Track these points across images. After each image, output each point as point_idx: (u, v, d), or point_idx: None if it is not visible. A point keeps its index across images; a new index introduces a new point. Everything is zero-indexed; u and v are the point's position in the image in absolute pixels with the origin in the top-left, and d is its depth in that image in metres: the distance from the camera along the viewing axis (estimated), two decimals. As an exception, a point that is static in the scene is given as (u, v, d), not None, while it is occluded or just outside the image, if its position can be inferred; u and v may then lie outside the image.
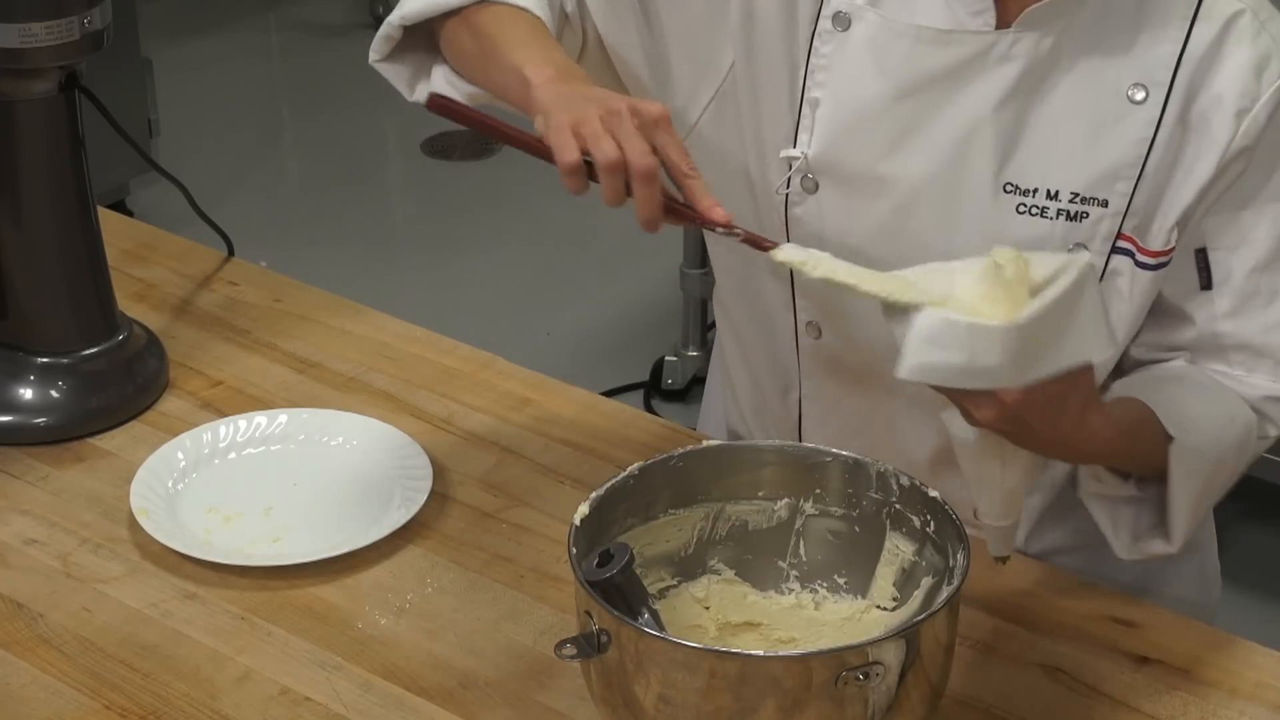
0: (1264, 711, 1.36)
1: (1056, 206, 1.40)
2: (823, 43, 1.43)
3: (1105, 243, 1.41)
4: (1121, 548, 1.44)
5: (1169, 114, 1.38)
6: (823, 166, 1.44)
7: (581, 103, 1.27)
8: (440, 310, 3.39)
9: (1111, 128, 1.39)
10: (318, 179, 4.45)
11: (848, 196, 1.44)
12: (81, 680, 1.37)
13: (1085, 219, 1.40)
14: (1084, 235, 1.40)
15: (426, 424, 1.69)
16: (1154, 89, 1.38)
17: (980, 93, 1.40)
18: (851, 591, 1.36)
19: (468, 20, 1.46)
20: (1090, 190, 1.40)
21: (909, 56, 1.40)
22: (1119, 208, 1.40)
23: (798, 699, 1.15)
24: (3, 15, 1.54)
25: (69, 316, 1.71)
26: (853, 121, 1.43)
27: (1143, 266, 1.42)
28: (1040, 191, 1.40)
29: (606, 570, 1.20)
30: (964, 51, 1.39)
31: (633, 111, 1.25)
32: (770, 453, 1.36)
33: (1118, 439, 1.36)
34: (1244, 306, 1.43)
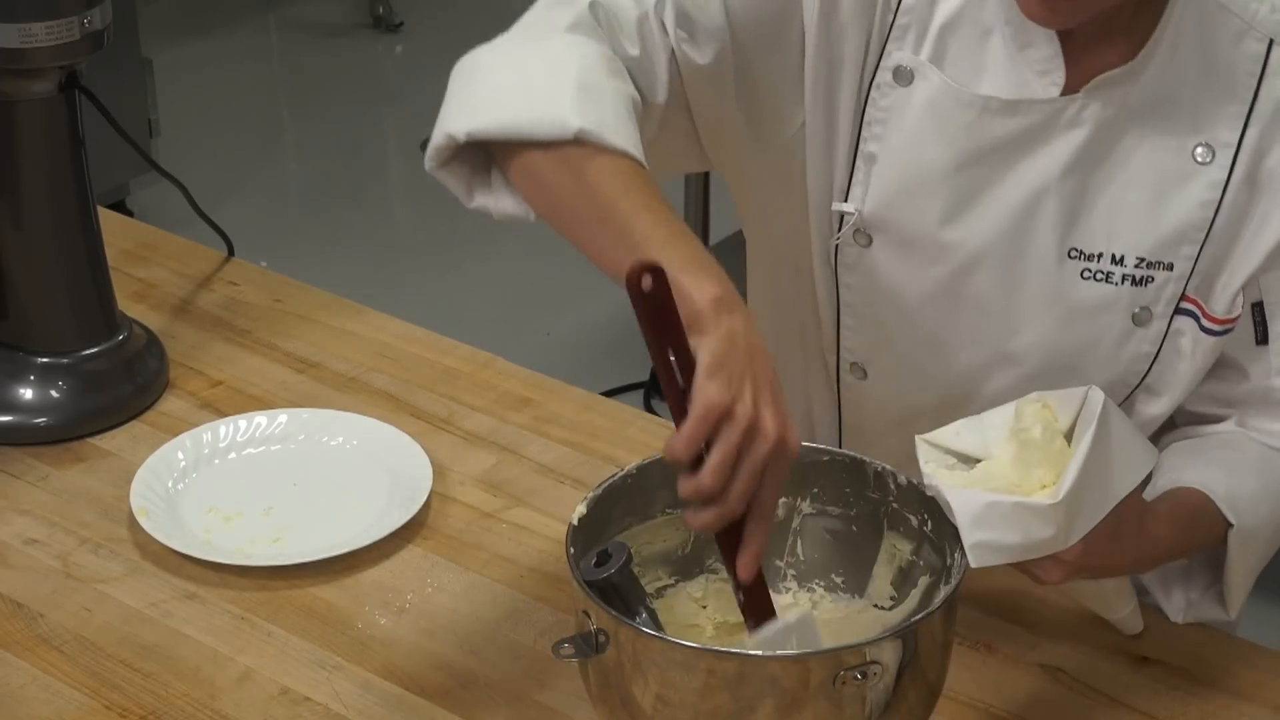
0: (1264, 711, 1.36)
1: (1122, 272, 1.38)
2: (881, 95, 1.39)
3: (1169, 305, 1.39)
4: (1175, 612, 1.43)
5: (1236, 174, 1.36)
6: (877, 224, 1.41)
7: (739, 385, 1.15)
8: (440, 310, 3.39)
9: (1177, 190, 1.36)
10: (318, 179, 4.45)
11: (903, 257, 1.42)
12: (81, 680, 1.37)
13: (1150, 283, 1.38)
14: (1149, 299, 1.38)
15: (426, 424, 1.69)
16: (1220, 149, 1.35)
17: (1047, 159, 1.37)
18: (849, 591, 1.36)
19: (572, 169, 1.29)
20: (1156, 254, 1.37)
21: (973, 126, 1.37)
22: (1184, 270, 1.38)
23: (795, 699, 1.15)
24: (3, 15, 1.54)
25: (69, 316, 1.71)
26: (912, 185, 1.40)
27: (1207, 332, 1.40)
28: (1105, 256, 1.38)
29: (604, 570, 1.20)
30: (1030, 120, 1.36)
31: (779, 444, 1.15)
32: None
33: (1180, 535, 1.35)
34: None
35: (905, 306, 1.42)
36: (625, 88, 1.34)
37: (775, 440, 1.15)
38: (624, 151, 1.28)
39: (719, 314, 1.17)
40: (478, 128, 1.30)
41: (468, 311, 3.62)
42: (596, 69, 1.32)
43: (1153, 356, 1.41)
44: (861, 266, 1.43)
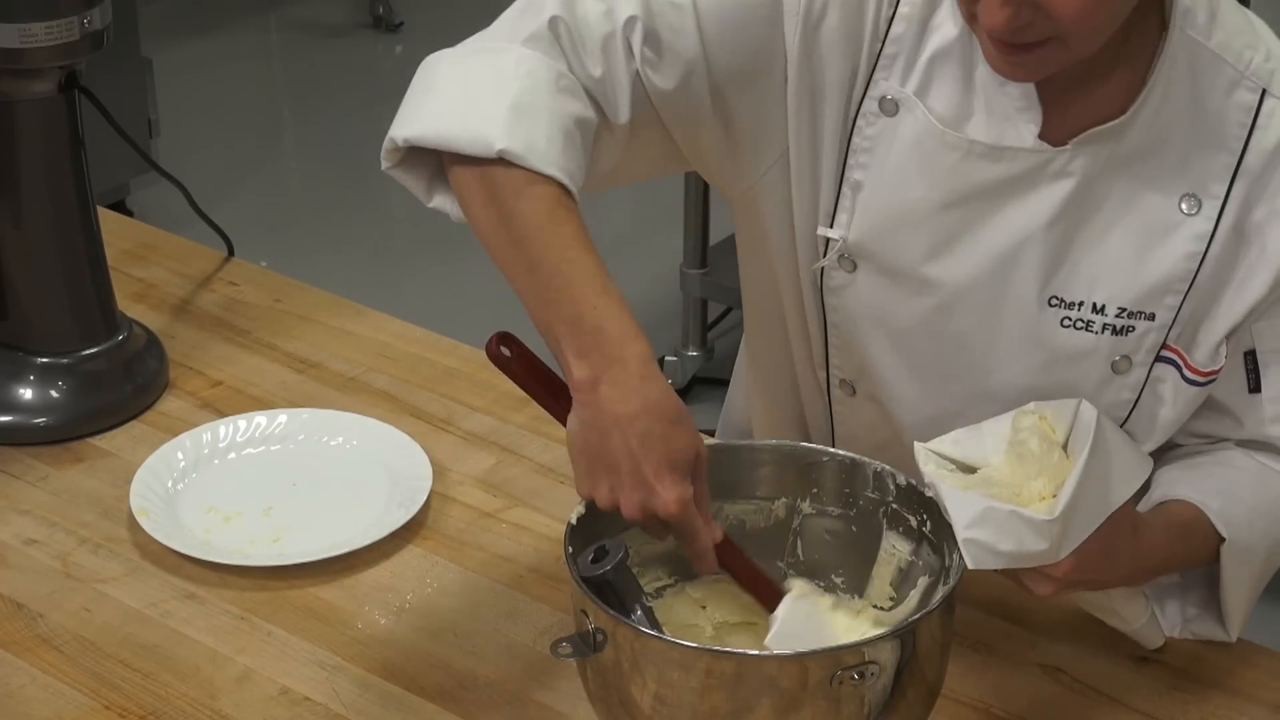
0: (1264, 711, 1.36)
1: (1103, 321, 1.37)
2: (867, 124, 1.38)
3: (1149, 354, 1.38)
4: (1170, 627, 1.43)
5: (1223, 226, 1.34)
6: (862, 252, 1.41)
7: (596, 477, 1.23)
8: (440, 310, 3.39)
9: (1161, 240, 1.35)
10: (318, 179, 4.45)
11: (887, 286, 1.41)
12: (81, 680, 1.37)
13: (1131, 333, 1.37)
14: (1129, 348, 1.37)
15: (426, 424, 1.69)
16: (1207, 201, 1.34)
17: (1032, 208, 1.36)
18: (849, 591, 1.36)
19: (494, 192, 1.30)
20: (1138, 305, 1.36)
21: (958, 168, 1.36)
22: (1166, 320, 1.36)
23: (793, 698, 1.15)
24: (3, 15, 1.54)
25: (69, 316, 1.71)
26: (897, 219, 1.39)
27: (1189, 382, 1.39)
28: (1086, 305, 1.37)
29: (600, 566, 1.21)
30: (1016, 168, 1.35)
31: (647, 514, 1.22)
32: (767, 452, 1.36)
33: (1173, 547, 1.35)
34: None
35: (889, 333, 1.42)
36: (570, 108, 1.34)
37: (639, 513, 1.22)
38: (548, 176, 1.29)
39: (582, 391, 1.24)
40: (414, 134, 1.34)
41: (468, 311, 3.61)
42: (540, 88, 1.33)
43: (1132, 403, 1.40)
44: (847, 292, 1.43)
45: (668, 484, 1.21)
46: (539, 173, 1.28)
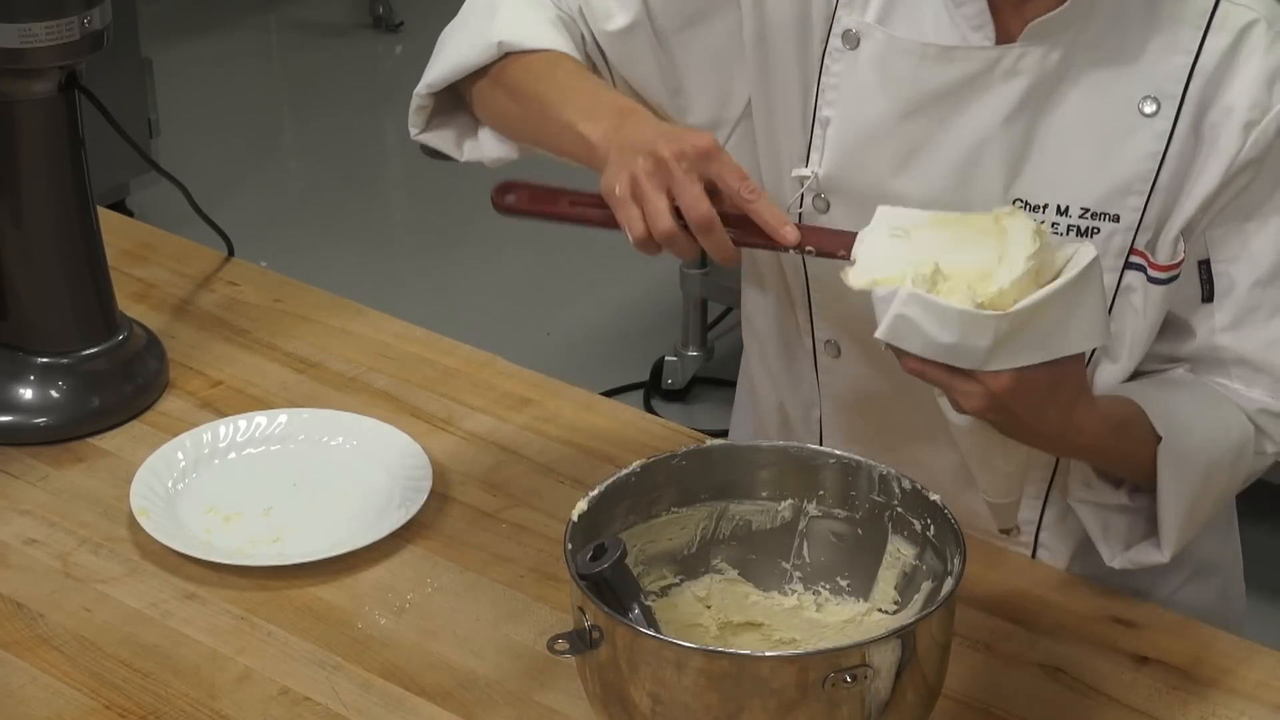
0: (1264, 711, 1.36)
1: (1067, 222, 1.38)
2: (833, 61, 1.42)
3: (1118, 258, 1.39)
4: (1110, 555, 1.44)
5: (1181, 126, 1.36)
6: (833, 186, 1.43)
7: (631, 158, 1.27)
8: (440, 310, 3.39)
9: (1122, 141, 1.37)
10: (318, 179, 4.45)
11: (858, 215, 1.41)
12: (81, 680, 1.37)
13: (1096, 234, 1.38)
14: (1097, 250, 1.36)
15: (426, 424, 1.69)
16: (1165, 101, 1.36)
17: (987, 109, 1.38)
18: (854, 594, 1.36)
19: (499, 81, 1.45)
20: (1101, 205, 1.38)
21: (914, 74, 1.39)
22: (1131, 222, 1.38)
23: (787, 699, 1.15)
24: (3, 15, 1.54)
25: (69, 316, 1.71)
26: (861, 140, 1.42)
27: (1154, 281, 1.40)
28: (1050, 207, 1.39)
29: (598, 564, 1.21)
30: (968, 68, 1.38)
31: (678, 156, 1.25)
32: (773, 453, 1.36)
33: (1105, 435, 1.35)
34: (1244, 320, 1.41)
35: None
36: (551, 12, 1.48)
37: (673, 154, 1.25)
38: (545, 49, 1.43)
39: (608, 143, 1.31)
40: (433, 78, 1.48)
41: (468, 311, 3.62)
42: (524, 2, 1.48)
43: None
44: None
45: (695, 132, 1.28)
46: (536, 49, 1.43)
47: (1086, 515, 1.45)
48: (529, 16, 1.46)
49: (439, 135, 1.53)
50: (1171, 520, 1.40)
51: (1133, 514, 1.44)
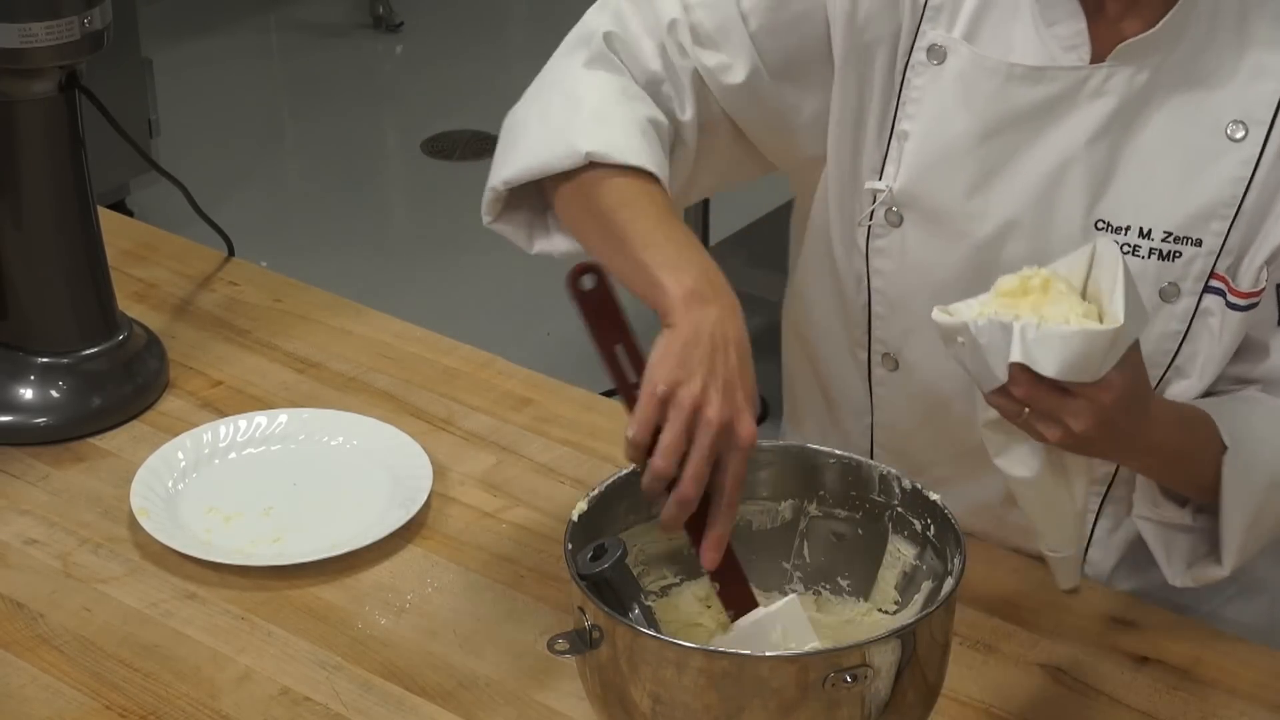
0: (1264, 711, 1.36)
1: (1149, 245, 1.37)
2: (916, 75, 1.41)
3: (1198, 282, 1.38)
4: (1174, 575, 1.42)
5: (1269, 152, 1.34)
6: (907, 200, 1.43)
7: (690, 369, 1.23)
8: (440, 310, 3.39)
9: (1208, 165, 1.35)
10: (318, 179, 4.45)
11: (932, 232, 1.43)
12: (81, 680, 1.37)
13: (1179, 258, 1.37)
14: (1177, 274, 1.38)
15: (426, 424, 1.69)
16: (1254, 126, 1.34)
17: (1072, 129, 1.37)
18: (854, 594, 1.36)
19: (582, 193, 1.38)
20: (1184, 229, 1.36)
21: (998, 94, 1.38)
22: (1213, 247, 1.37)
23: (787, 699, 1.14)
24: (3, 15, 1.54)
25: (69, 316, 1.71)
26: (939, 157, 1.41)
27: (1233, 307, 1.38)
28: (1133, 229, 1.37)
29: (598, 565, 1.21)
30: (1056, 88, 1.36)
31: (719, 427, 1.21)
32: (773, 453, 1.36)
33: (1175, 432, 1.34)
34: None
35: (935, 285, 1.42)
36: (640, 110, 1.42)
37: (719, 425, 1.21)
38: (635, 167, 1.36)
39: (689, 306, 1.25)
40: (510, 174, 1.41)
41: (468, 311, 3.62)
42: (609, 97, 1.41)
43: (1181, 335, 1.40)
44: (892, 248, 1.44)
45: (748, 417, 1.22)
46: (625, 165, 1.36)
47: (1150, 534, 1.43)
48: (617, 118, 1.40)
49: (510, 226, 1.47)
50: (1233, 533, 1.38)
51: (1196, 534, 1.42)
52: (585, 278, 1.23)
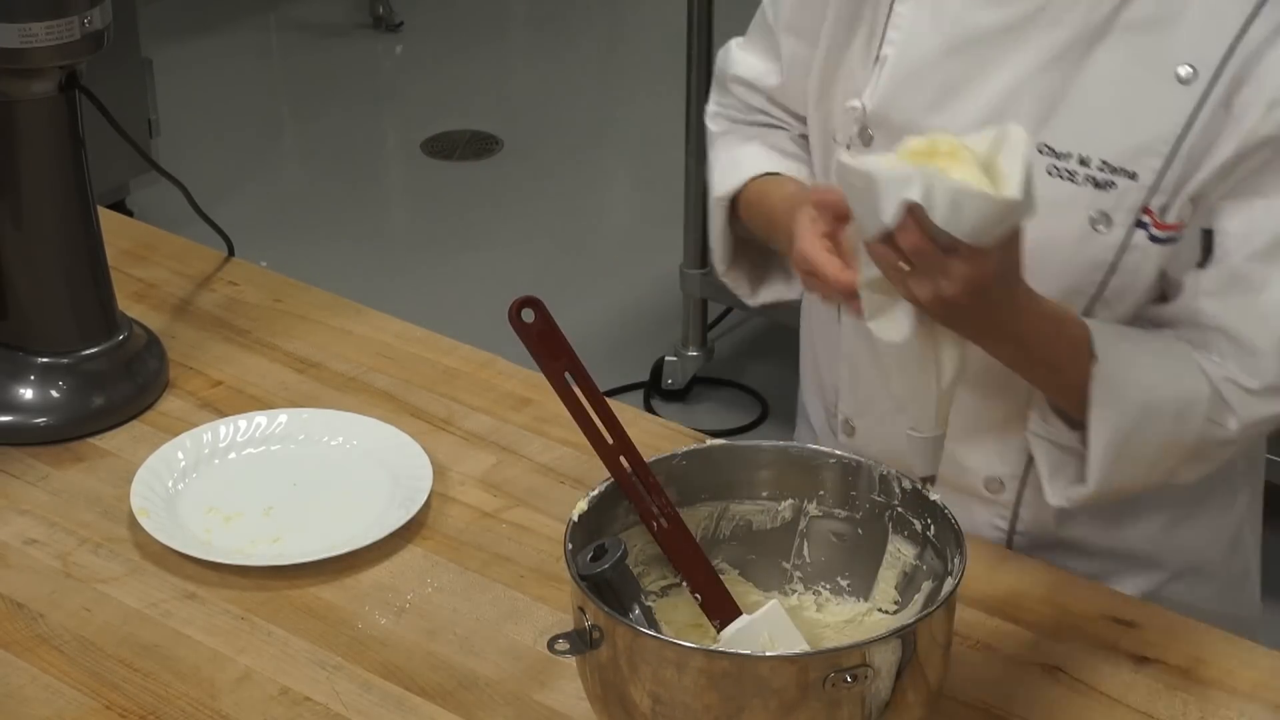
0: (1264, 711, 1.36)
1: (1085, 173, 1.41)
2: (900, 3, 1.48)
3: (1129, 215, 1.41)
4: (1053, 494, 1.46)
5: (1213, 97, 1.37)
6: (877, 120, 1.48)
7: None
8: (440, 310, 3.39)
9: (1153, 104, 1.39)
10: (318, 179, 4.45)
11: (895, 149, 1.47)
12: (81, 680, 1.37)
13: (1112, 189, 1.40)
14: (1109, 205, 1.41)
15: (426, 424, 1.69)
16: (1203, 70, 1.37)
17: (1027, 54, 1.42)
18: (854, 594, 1.36)
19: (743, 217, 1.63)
20: (1121, 161, 1.40)
21: (963, 13, 1.44)
22: (1147, 182, 1.40)
23: (787, 699, 1.15)
24: (3, 15, 1.54)
25: (69, 316, 1.71)
26: (906, 75, 1.47)
27: (1154, 240, 1.41)
28: (1074, 156, 1.41)
29: (599, 565, 1.21)
30: (1015, 12, 1.41)
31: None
32: (773, 453, 1.36)
33: (1043, 324, 1.37)
34: (1230, 289, 1.41)
35: None
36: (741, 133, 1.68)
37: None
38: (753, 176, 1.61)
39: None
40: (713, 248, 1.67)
41: (468, 311, 3.61)
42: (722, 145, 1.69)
43: (1109, 266, 1.43)
44: None
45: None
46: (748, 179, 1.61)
47: (1040, 451, 1.47)
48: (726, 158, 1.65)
49: (735, 276, 1.67)
50: (1098, 449, 1.41)
51: (1081, 459, 1.44)
52: (525, 311, 1.27)
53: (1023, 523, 1.55)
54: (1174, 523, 1.56)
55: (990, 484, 1.54)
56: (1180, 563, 1.58)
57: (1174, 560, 1.58)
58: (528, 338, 1.28)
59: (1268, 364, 1.40)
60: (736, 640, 1.27)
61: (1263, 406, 1.42)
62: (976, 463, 1.53)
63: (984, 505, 1.56)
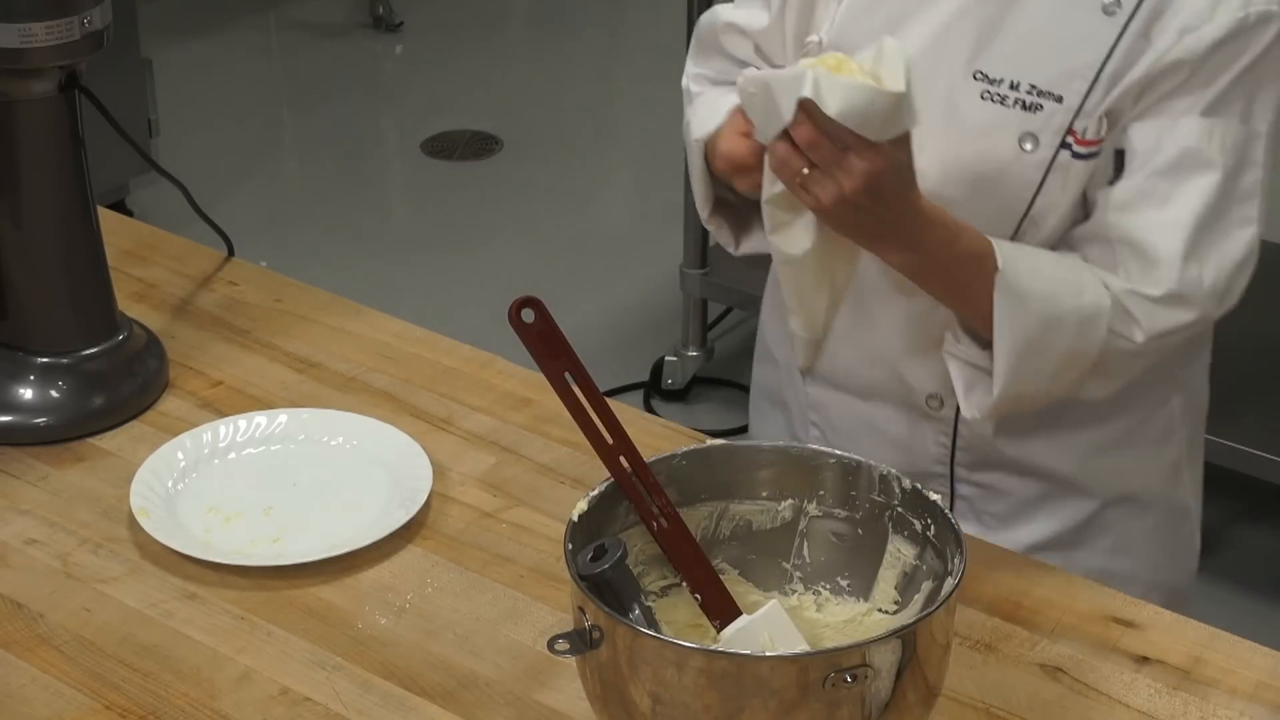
0: (1264, 711, 1.36)
1: (1015, 96, 1.51)
2: None
3: (1055, 136, 1.50)
4: (967, 407, 1.55)
5: (1133, 27, 1.47)
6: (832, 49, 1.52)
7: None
8: (440, 310, 3.40)
9: (1080, 33, 1.49)
10: (318, 179, 4.45)
11: None
12: (81, 680, 1.37)
13: (1040, 111, 1.50)
14: (1037, 126, 1.50)
15: (426, 424, 1.69)
16: (1126, 2, 1.47)
17: None
18: (854, 594, 1.36)
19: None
20: (1049, 86, 1.49)
21: None
22: (1072, 105, 1.49)
23: (788, 699, 1.15)
24: (3, 15, 1.54)
25: (69, 316, 1.71)
26: (861, 8, 1.55)
27: (1076, 156, 1.50)
28: (1005, 82, 1.51)
29: (599, 565, 1.21)
30: None
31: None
32: (773, 453, 1.36)
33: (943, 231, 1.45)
34: (1135, 202, 1.49)
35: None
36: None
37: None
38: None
39: None
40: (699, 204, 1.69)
41: (468, 311, 3.62)
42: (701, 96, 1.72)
43: (1036, 185, 1.52)
44: None
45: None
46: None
47: (955, 369, 1.55)
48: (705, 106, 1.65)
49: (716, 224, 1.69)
50: (1002, 356, 1.48)
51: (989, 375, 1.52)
52: (525, 311, 1.27)
53: (963, 439, 1.65)
54: (1110, 446, 1.65)
55: (931, 400, 1.63)
56: (1117, 489, 1.67)
57: (1111, 485, 1.66)
58: (528, 338, 1.28)
59: (1169, 272, 1.48)
60: (736, 640, 1.27)
61: (1166, 315, 1.49)
62: (919, 380, 1.62)
63: (928, 422, 1.65)
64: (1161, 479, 1.69)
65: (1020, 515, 1.68)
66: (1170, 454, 1.69)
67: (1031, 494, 1.66)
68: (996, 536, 1.65)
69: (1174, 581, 1.73)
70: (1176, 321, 1.50)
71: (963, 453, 1.65)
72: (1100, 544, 1.67)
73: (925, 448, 1.66)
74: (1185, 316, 1.50)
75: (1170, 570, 1.73)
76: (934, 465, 1.67)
